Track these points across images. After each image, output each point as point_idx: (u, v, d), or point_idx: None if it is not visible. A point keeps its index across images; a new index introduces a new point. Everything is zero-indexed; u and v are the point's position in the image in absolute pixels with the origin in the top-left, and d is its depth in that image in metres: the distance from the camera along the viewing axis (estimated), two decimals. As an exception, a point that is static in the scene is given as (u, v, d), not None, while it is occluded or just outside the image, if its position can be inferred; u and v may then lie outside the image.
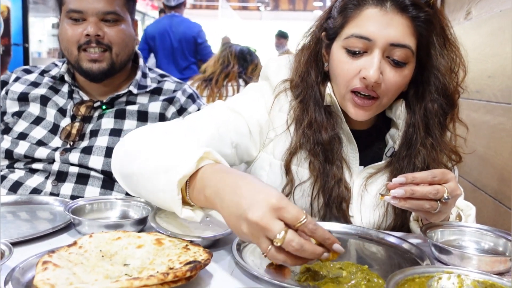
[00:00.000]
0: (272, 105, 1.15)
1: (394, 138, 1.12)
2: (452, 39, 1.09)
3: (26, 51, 5.58)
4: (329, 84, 1.11)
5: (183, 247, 0.79)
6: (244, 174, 0.83)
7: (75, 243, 0.81)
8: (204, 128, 1.09)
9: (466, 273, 0.72)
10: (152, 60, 4.48)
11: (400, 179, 0.91)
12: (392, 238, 0.98)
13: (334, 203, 1.10)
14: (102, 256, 0.78)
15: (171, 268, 0.71)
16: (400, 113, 1.10)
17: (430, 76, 1.07)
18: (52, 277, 0.68)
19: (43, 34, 6.66)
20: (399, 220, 1.12)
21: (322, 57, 1.13)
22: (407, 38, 1.01)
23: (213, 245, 0.91)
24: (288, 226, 0.71)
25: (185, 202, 0.87)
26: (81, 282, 0.68)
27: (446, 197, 0.91)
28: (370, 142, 1.16)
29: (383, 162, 1.13)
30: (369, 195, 1.12)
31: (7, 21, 5.39)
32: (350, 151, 1.13)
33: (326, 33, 1.11)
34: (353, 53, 1.03)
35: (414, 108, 1.09)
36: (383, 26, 1.00)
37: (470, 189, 1.67)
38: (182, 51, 4.20)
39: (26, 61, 5.55)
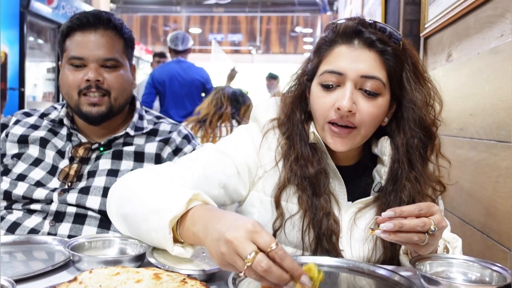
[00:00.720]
0: (261, 143, 1.20)
1: (381, 174, 1.16)
2: (425, 74, 1.16)
3: (21, 95, 5.66)
4: (312, 123, 1.17)
5: (181, 281, 0.82)
6: (229, 211, 0.90)
7: (75, 279, 0.83)
8: (192, 171, 1.15)
9: (452, 301, 0.76)
10: (155, 103, 4.62)
11: (388, 213, 0.96)
12: (383, 270, 1.01)
13: (324, 236, 1.13)
14: (102, 290, 0.81)
15: (169, 301, 0.74)
16: (385, 149, 1.15)
17: (407, 111, 1.13)
18: (54, 311, 0.71)
19: (37, 78, 6.77)
20: (389, 253, 1.15)
21: (306, 99, 1.20)
22: (376, 71, 1.08)
23: (209, 279, 0.93)
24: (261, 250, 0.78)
25: (176, 240, 0.94)
26: (82, 316, 0.71)
27: (433, 229, 0.95)
28: (357, 178, 1.20)
29: (371, 197, 1.17)
30: (358, 229, 1.15)
31: (4, 66, 5.50)
32: (338, 186, 1.17)
33: (307, 75, 1.19)
34: (328, 88, 1.10)
35: (397, 144, 1.14)
36: (353, 61, 1.08)
37: (458, 224, 1.70)
38: (191, 96, 4.35)
39: (21, 105, 5.62)
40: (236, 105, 2.77)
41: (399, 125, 1.15)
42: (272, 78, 7.73)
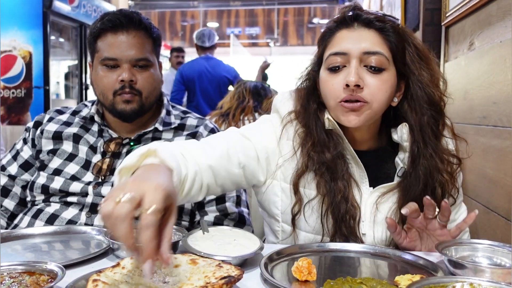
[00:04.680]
0: (281, 135, 1.24)
1: (404, 160, 1.20)
2: (426, 54, 1.20)
3: (46, 93, 5.80)
4: (326, 110, 1.21)
5: (216, 265, 0.87)
6: (161, 172, 0.88)
7: (118, 264, 0.89)
8: (215, 147, 1.20)
9: (478, 282, 0.79)
10: (183, 99, 4.74)
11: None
12: (408, 255, 1.05)
13: (343, 221, 1.17)
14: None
15: (208, 283, 0.79)
16: (405, 136, 1.18)
17: (416, 90, 1.17)
18: (103, 293, 0.76)
19: (59, 76, 6.92)
20: None
21: (317, 90, 1.23)
22: (378, 46, 1.14)
23: (241, 265, 0.98)
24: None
25: None
26: (128, 297, 0.76)
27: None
28: (378, 164, 1.24)
29: (394, 182, 1.20)
30: (380, 213, 1.19)
31: (29, 65, 5.65)
32: (358, 171, 1.20)
33: (314, 66, 1.24)
34: (334, 70, 1.15)
35: (411, 124, 1.17)
36: (354, 41, 1.15)
37: (483, 211, 1.72)
38: (220, 92, 4.44)
39: (46, 103, 5.77)
40: (258, 99, 2.81)
41: (410, 105, 1.18)
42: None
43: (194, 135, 1.55)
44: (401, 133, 1.18)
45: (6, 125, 5.38)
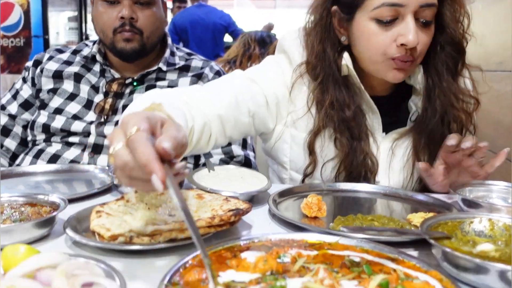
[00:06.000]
0: (292, 86, 1.15)
1: (417, 104, 1.14)
2: None
3: (46, 42, 5.69)
4: (345, 55, 1.10)
5: (224, 199, 0.84)
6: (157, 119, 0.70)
7: (122, 198, 0.86)
8: (223, 96, 1.10)
9: (497, 218, 0.75)
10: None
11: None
12: (420, 195, 1.02)
13: (360, 176, 1.12)
14: (148, 208, 0.83)
15: (215, 215, 0.76)
16: (420, 78, 1.12)
17: (437, 28, 1.07)
18: (107, 222, 0.74)
19: (59, 27, 6.78)
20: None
21: (334, 31, 1.11)
22: None
23: (249, 201, 0.95)
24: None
25: None
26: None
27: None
28: (392, 108, 1.18)
29: (407, 127, 1.15)
30: (396, 157, 1.14)
31: (27, 13, 5.51)
32: (373, 119, 1.14)
33: (340, 6, 1.09)
34: (385, 23, 1.02)
35: (426, 62, 1.10)
36: None
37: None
38: (214, 40, 4.31)
39: (46, 52, 5.67)
40: (264, 46, 2.74)
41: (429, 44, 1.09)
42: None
43: (199, 76, 1.49)
44: (416, 76, 1.13)
45: (7, 74, 5.30)
